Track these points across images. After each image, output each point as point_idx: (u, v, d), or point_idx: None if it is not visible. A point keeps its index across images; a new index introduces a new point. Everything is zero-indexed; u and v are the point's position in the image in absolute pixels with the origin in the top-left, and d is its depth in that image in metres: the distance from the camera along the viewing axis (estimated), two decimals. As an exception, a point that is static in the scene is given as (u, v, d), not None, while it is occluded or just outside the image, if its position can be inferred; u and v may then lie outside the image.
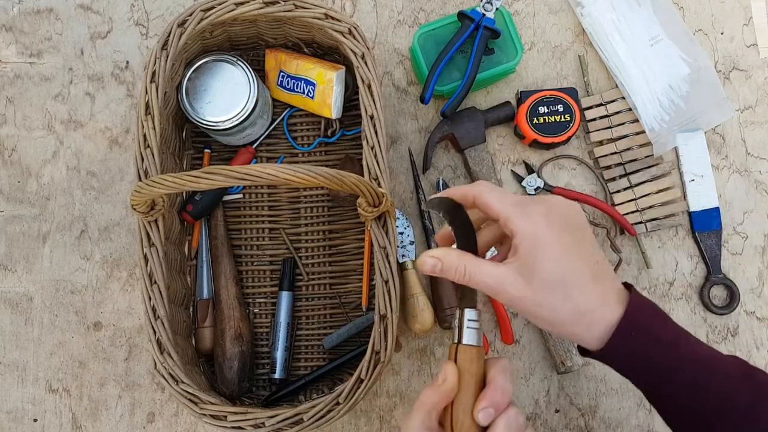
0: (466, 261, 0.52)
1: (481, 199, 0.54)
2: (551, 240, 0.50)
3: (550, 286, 0.50)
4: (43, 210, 0.86)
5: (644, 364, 0.52)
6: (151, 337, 0.68)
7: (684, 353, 0.51)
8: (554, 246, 0.50)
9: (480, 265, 0.51)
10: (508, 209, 0.52)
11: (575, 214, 0.53)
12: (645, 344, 0.51)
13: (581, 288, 0.50)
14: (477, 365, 0.52)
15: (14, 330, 0.84)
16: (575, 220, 0.53)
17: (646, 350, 0.51)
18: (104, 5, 0.89)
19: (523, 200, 0.53)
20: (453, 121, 0.83)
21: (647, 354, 0.51)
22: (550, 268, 0.50)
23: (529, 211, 0.51)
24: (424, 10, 0.89)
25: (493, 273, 0.51)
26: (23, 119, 0.87)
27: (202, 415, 0.66)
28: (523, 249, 0.50)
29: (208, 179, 0.54)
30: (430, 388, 0.51)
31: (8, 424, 0.82)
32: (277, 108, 0.87)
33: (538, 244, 0.50)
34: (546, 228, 0.50)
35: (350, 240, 0.85)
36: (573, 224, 0.52)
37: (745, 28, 0.88)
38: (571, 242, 0.51)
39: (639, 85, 0.86)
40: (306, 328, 0.84)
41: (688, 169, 0.85)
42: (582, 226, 0.53)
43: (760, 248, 0.85)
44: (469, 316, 0.53)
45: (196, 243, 0.83)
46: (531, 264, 0.50)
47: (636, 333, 0.50)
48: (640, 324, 0.51)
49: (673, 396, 0.52)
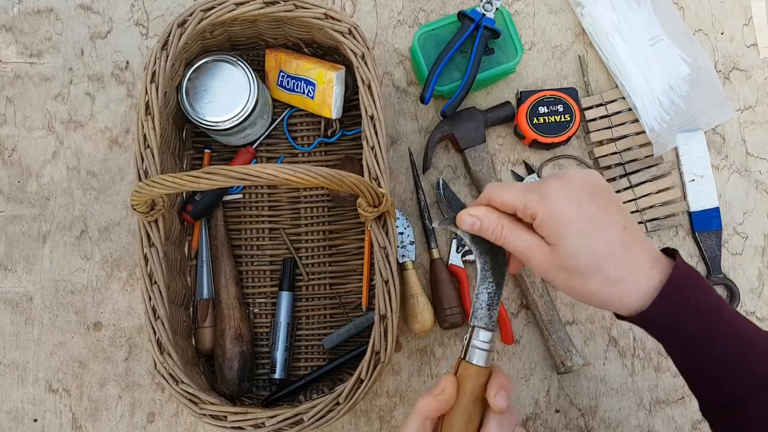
0: (503, 222, 0.53)
1: (495, 199, 0.54)
2: (572, 214, 0.50)
3: (577, 259, 0.50)
4: (43, 210, 0.86)
5: (681, 333, 0.50)
6: (151, 337, 0.68)
7: (723, 325, 0.50)
8: (576, 220, 0.50)
9: (517, 229, 0.52)
10: (522, 197, 0.52)
11: (594, 183, 0.52)
12: (683, 312, 0.49)
13: (610, 257, 0.50)
14: (475, 384, 0.52)
15: (14, 330, 0.84)
16: (596, 188, 0.52)
17: (684, 318, 0.50)
18: (104, 5, 0.89)
19: (538, 183, 0.52)
20: (453, 121, 0.83)
21: (685, 323, 0.50)
22: (575, 242, 0.49)
23: (545, 192, 0.51)
24: (424, 10, 0.89)
25: (526, 239, 0.52)
26: (23, 119, 0.87)
27: (202, 415, 0.66)
28: (546, 229, 0.51)
29: (208, 179, 0.54)
30: (428, 396, 0.51)
31: (8, 424, 0.82)
32: (277, 108, 0.87)
33: (559, 221, 0.50)
34: (565, 203, 0.50)
35: (350, 240, 0.85)
36: (594, 193, 0.51)
37: (745, 28, 0.88)
38: (595, 212, 0.50)
39: (639, 85, 0.86)
40: (306, 328, 0.84)
41: (688, 169, 0.85)
42: (603, 192, 0.52)
43: (760, 248, 0.85)
44: (480, 337, 0.54)
45: (196, 243, 0.83)
46: (556, 241, 0.50)
47: (675, 300, 0.49)
48: (681, 291, 0.50)
49: (707, 367, 0.51)
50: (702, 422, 0.82)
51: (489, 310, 0.55)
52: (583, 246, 0.50)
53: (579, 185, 0.51)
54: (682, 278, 0.50)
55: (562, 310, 0.83)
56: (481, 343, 0.53)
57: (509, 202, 0.53)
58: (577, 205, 0.50)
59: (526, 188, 0.52)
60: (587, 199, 0.50)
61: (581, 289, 0.51)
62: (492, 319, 0.54)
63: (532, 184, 0.53)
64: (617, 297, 0.50)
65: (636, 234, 0.52)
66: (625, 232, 0.51)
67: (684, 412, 0.82)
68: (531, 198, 0.51)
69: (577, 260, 0.50)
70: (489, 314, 0.55)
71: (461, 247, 0.83)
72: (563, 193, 0.50)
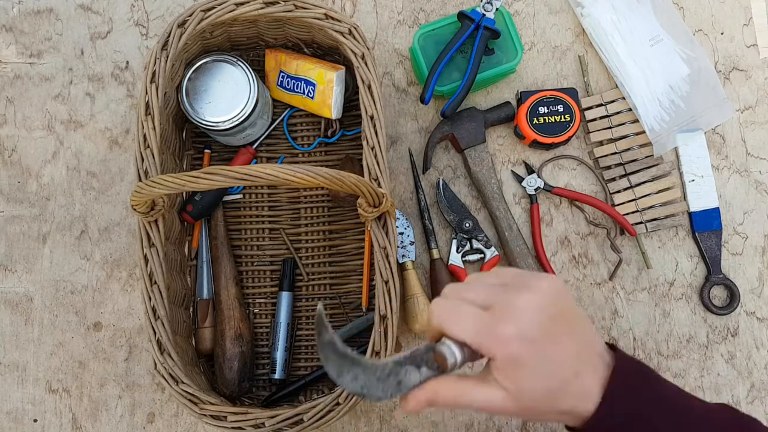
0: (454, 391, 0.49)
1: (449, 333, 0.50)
2: (530, 360, 0.48)
3: (536, 403, 0.49)
4: (43, 210, 0.86)
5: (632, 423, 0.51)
6: (151, 337, 0.68)
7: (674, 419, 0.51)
8: (536, 364, 0.48)
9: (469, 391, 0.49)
10: (475, 338, 0.48)
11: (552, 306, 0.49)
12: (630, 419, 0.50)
13: (564, 392, 0.49)
14: None
15: (14, 330, 0.84)
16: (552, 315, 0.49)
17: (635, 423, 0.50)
18: (104, 5, 0.89)
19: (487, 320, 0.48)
20: (453, 121, 0.83)
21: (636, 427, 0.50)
22: (536, 387, 0.48)
23: (499, 337, 0.48)
24: (424, 10, 0.89)
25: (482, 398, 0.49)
26: (23, 119, 0.87)
27: (202, 415, 0.66)
28: (503, 374, 0.48)
29: (208, 179, 0.55)
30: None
31: (8, 425, 0.82)
32: (277, 108, 0.87)
33: (518, 367, 0.48)
34: (520, 349, 0.47)
35: (350, 240, 0.85)
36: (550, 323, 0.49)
37: (745, 28, 0.88)
38: (550, 349, 0.48)
39: (639, 85, 0.86)
40: (306, 329, 0.84)
41: (688, 170, 0.85)
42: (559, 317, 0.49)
43: (760, 248, 0.85)
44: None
45: (196, 243, 0.83)
46: (517, 386, 0.48)
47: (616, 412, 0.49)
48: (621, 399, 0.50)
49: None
50: (702, 422, 0.82)
51: None
52: (543, 388, 0.49)
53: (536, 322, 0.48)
54: (626, 374, 0.50)
55: (562, 311, 0.83)
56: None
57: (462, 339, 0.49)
58: (533, 343, 0.48)
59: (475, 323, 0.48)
60: (543, 335, 0.48)
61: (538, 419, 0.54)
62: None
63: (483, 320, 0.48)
64: (570, 419, 0.51)
65: (587, 353, 0.50)
66: (578, 358, 0.50)
67: (684, 412, 0.82)
68: (485, 341, 0.48)
69: (538, 402, 0.49)
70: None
71: (461, 247, 0.83)
72: (519, 337, 0.47)
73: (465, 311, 0.49)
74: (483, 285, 0.51)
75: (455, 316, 0.49)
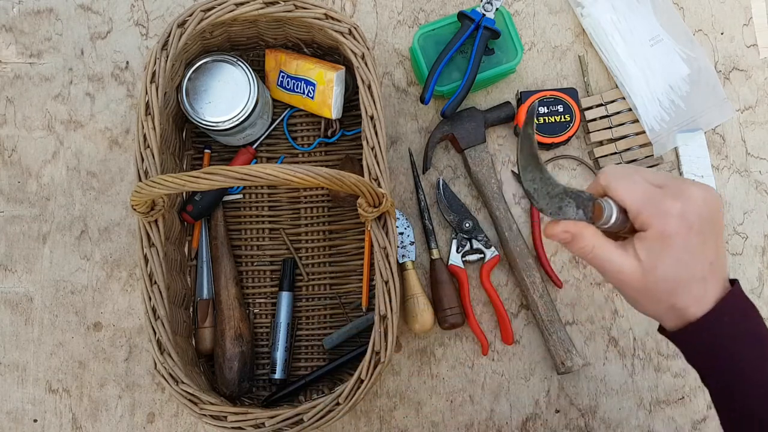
0: (595, 242, 0.53)
1: (612, 191, 0.52)
2: (678, 243, 0.50)
3: (660, 285, 0.51)
4: (43, 210, 0.86)
5: (715, 362, 0.52)
6: (151, 337, 0.68)
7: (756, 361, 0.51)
8: (679, 249, 0.50)
9: (607, 249, 0.52)
10: (639, 204, 0.51)
11: (711, 211, 0.51)
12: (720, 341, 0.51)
13: (687, 287, 0.51)
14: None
15: (14, 330, 0.84)
16: (709, 218, 0.51)
17: (720, 348, 0.51)
18: (104, 5, 0.89)
19: (657, 193, 0.51)
20: (453, 121, 0.83)
21: (719, 352, 0.52)
22: (668, 271, 0.51)
23: (663, 209, 0.50)
24: (424, 10, 0.89)
25: (617, 261, 0.52)
26: (23, 119, 0.87)
27: (202, 415, 0.66)
28: (647, 246, 0.51)
29: (208, 179, 0.55)
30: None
31: (8, 425, 0.82)
32: (277, 108, 0.87)
33: (666, 246, 0.50)
34: (677, 229, 0.50)
35: (350, 240, 0.85)
36: (705, 223, 0.51)
37: (745, 28, 0.88)
38: (696, 243, 0.51)
39: (639, 85, 0.86)
40: (306, 329, 0.84)
41: (688, 170, 0.85)
42: (713, 223, 0.52)
43: (760, 248, 0.85)
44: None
45: (196, 243, 0.83)
46: (652, 263, 0.51)
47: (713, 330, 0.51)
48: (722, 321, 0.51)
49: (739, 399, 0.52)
50: (702, 422, 0.82)
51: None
52: (673, 274, 0.51)
53: (697, 211, 0.51)
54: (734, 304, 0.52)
55: (562, 310, 0.83)
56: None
57: (625, 201, 0.52)
58: (686, 233, 0.50)
59: (644, 193, 0.51)
60: (697, 228, 0.50)
61: (647, 308, 0.54)
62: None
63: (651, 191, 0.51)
64: (673, 318, 0.53)
65: (717, 270, 0.52)
66: (711, 267, 0.52)
67: (684, 412, 0.82)
68: (647, 209, 0.51)
69: (662, 285, 0.51)
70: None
71: (461, 247, 0.83)
72: (680, 219, 0.50)
73: (637, 178, 0.52)
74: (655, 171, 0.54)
75: (628, 180, 0.52)
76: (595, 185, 0.54)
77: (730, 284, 0.53)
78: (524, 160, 0.54)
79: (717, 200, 0.52)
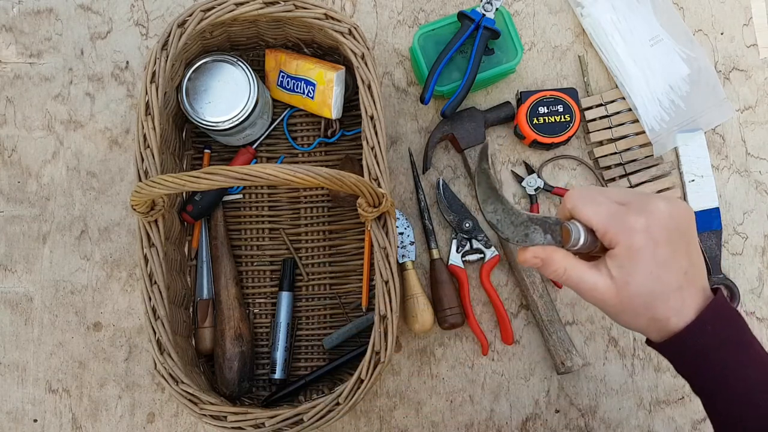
0: (566, 263, 0.54)
1: (577, 213, 0.53)
2: (647, 257, 0.51)
3: (635, 300, 0.52)
4: (43, 210, 0.86)
5: (701, 371, 0.53)
6: (151, 337, 0.68)
7: (744, 358, 0.52)
8: (649, 262, 0.51)
9: (578, 269, 0.54)
10: (605, 223, 0.52)
11: (678, 223, 0.52)
12: (705, 350, 0.52)
13: (663, 299, 0.51)
14: None
15: (14, 330, 0.84)
16: (676, 229, 0.52)
17: (704, 357, 0.52)
18: (104, 5, 0.89)
19: (621, 211, 0.52)
20: (453, 121, 0.83)
21: (704, 361, 0.52)
22: (641, 284, 0.51)
23: (628, 225, 0.51)
24: (424, 10, 0.89)
25: (589, 280, 0.53)
26: (23, 119, 0.87)
27: (202, 415, 0.66)
28: (618, 263, 0.52)
29: (208, 179, 0.55)
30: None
31: (8, 425, 0.82)
32: (277, 108, 0.87)
33: (634, 260, 0.51)
34: (644, 243, 0.51)
35: (350, 240, 0.85)
36: (673, 234, 0.52)
37: (745, 28, 0.88)
38: (667, 254, 0.51)
39: (639, 85, 0.85)
40: (306, 329, 0.84)
41: (688, 170, 0.85)
42: (681, 233, 0.52)
43: (760, 248, 0.85)
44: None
45: (196, 243, 0.83)
46: (624, 278, 0.51)
47: (697, 339, 0.51)
48: (710, 324, 0.51)
49: (724, 407, 0.53)
50: (702, 422, 0.82)
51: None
52: (647, 288, 0.51)
53: (662, 224, 0.51)
54: (716, 312, 0.52)
55: (562, 310, 0.83)
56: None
57: (592, 222, 0.52)
58: (654, 247, 0.51)
59: (608, 214, 0.52)
60: (664, 240, 0.51)
61: (628, 322, 0.54)
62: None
63: (615, 209, 0.52)
64: (656, 331, 0.53)
65: (694, 277, 0.53)
66: (685, 276, 0.52)
67: (684, 412, 0.82)
68: (613, 227, 0.51)
69: (637, 300, 0.52)
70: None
71: (461, 247, 0.83)
72: (646, 233, 0.51)
73: (601, 200, 0.53)
74: (619, 189, 0.55)
75: (591, 201, 0.53)
76: (562, 209, 0.55)
77: (712, 293, 0.54)
78: (483, 194, 0.56)
79: (684, 211, 0.53)
